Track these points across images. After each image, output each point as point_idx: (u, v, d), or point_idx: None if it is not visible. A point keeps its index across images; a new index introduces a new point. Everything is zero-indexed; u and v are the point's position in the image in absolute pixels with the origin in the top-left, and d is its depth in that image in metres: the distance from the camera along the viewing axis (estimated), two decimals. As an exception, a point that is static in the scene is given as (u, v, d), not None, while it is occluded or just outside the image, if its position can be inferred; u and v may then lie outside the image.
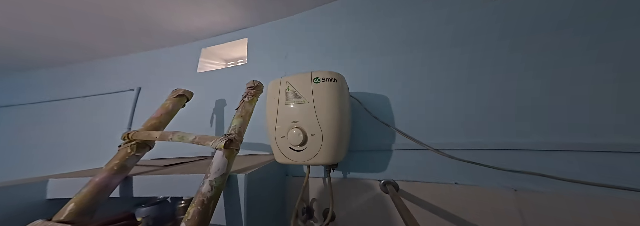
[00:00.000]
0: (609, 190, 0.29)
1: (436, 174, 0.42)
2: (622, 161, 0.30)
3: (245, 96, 0.49)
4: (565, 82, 0.38)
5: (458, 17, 0.51)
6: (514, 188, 0.35)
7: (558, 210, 0.33)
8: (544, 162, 0.35)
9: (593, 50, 0.37)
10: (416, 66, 0.52)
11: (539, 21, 0.43)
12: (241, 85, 0.79)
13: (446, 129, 0.44)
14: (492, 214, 0.36)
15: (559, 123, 0.36)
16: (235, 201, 0.38)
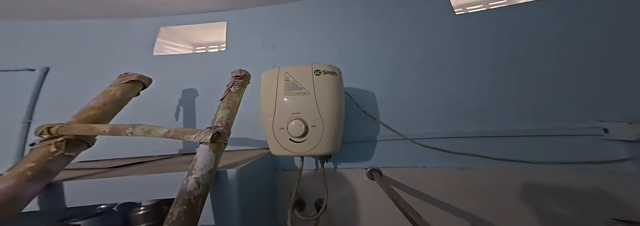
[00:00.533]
0: (519, 164, 0.43)
1: (410, 160, 0.51)
2: (524, 142, 0.45)
3: (232, 86, 0.45)
4: (497, 87, 0.52)
5: (431, 30, 0.61)
6: (461, 167, 0.47)
7: (488, 179, 0.45)
8: (479, 145, 0.47)
9: (516, 64, 0.52)
10: (400, 64, 0.59)
11: (483, 35, 0.56)
12: (218, 73, 0.70)
13: (419, 121, 0.53)
14: (446, 188, 0.47)
15: (492, 117, 0.49)
16: (226, 198, 0.35)
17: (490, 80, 0.52)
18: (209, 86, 0.70)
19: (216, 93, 0.68)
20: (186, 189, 0.29)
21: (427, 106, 0.54)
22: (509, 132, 0.46)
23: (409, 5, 0.64)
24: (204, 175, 0.31)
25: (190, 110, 0.69)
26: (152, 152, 0.62)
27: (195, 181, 0.30)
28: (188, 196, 0.29)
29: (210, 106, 0.67)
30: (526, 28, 0.53)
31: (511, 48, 0.53)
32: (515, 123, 0.47)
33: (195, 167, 0.32)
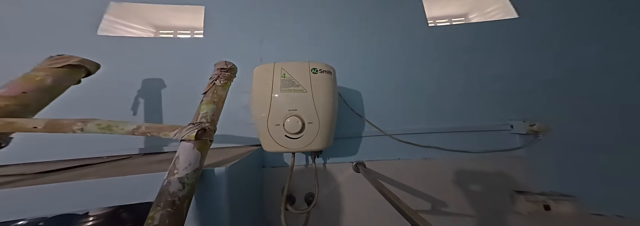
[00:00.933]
0: (465, 154, 0.55)
1: (388, 153, 0.57)
2: (471, 137, 0.57)
3: (217, 79, 0.42)
4: (450, 94, 0.62)
5: (408, 38, 0.67)
6: (425, 158, 0.57)
7: (441, 167, 0.55)
8: (438, 139, 0.57)
9: (461, 72, 0.63)
10: (384, 66, 0.64)
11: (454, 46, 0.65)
12: (192, 63, 0.63)
13: (397, 119, 0.60)
14: (415, 176, 0.55)
15: (446, 116, 0.60)
16: (215, 198, 0.33)
17: (446, 87, 0.62)
18: (179, 77, 0.62)
19: (189, 85, 0.61)
20: (168, 190, 0.27)
21: (403, 105, 0.62)
22: (457, 128, 0.58)
23: (391, 14, 0.69)
24: (189, 175, 0.29)
25: (154, 103, 0.60)
26: (96, 153, 0.51)
27: (179, 182, 0.28)
28: (172, 197, 0.26)
29: (182, 99, 0.60)
30: (471, 44, 0.65)
31: (459, 60, 0.64)
32: (460, 121, 0.59)
33: (178, 166, 0.29)
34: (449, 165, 0.55)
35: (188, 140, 0.32)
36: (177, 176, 0.28)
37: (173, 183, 0.28)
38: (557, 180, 0.52)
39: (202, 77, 0.64)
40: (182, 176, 0.28)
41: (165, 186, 0.27)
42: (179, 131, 0.32)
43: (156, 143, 0.58)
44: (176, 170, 0.29)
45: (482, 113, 0.59)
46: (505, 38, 0.64)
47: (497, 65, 0.62)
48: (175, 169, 0.29)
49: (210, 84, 0.41)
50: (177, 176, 0.28)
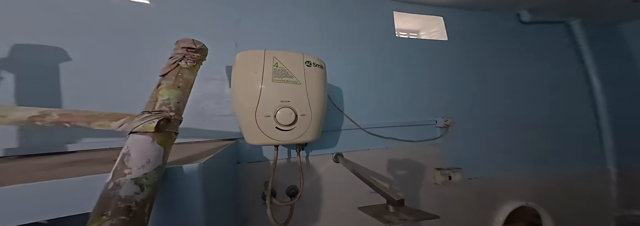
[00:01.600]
0: (410, 143, 0.69)
1: (361, 144, 0.65)
2: (414, 129, 0.71)
3: (182, 59, 0.35)
4: (403, 95, 0.75)
5: (378, 44, 0.74)
6: (386, 147, 0.67)
7: (398, 154, 0.68)
8: (395, 132, 0.69)
9: (410, 80, 0.77)
10: (361, 64, 0.69)
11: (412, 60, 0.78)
12: (124, 34, 0.50)
13: (368, 114, 0.68)
14: (380, 162, 0.65)
15: (400, 114, 0.72)
16: (185, 201, 0.28)
17: (401, 89, 0.74)
18: (101, 48, 0.47)
19: (113, 62, 0.48)
20: (118, 195, 0.21)
21: (372, 103, 0.69)
22: (406, 123, 0.71)
23: (368, 23, 0.74)
24: (148, 174, 0.24)
25: (43, 80, 0.43)
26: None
27: (135, 183, 0.22)
28: (125, 203, 0.21)
29: (98, 79, 0.46)
30: (419, 55, 0.79)
31: (411, 67, 0.77)
32: (408, 117, 0.73)
33: (130, 164, 0.23)
34: (401, 152, 0.68)
35: (143, 132, 0.25)
36: (130, 177, 0.22)
37: (125, 186, 0.22)
38: (454, 158, 0.73)
39: (136, 54, 0.51)
40: (138, 176, 0.23)
41: (111, 191, 0.21)
42: (127, 121, 0.25)
43: (43, 141, 0.42)
44: (127, 169, 0.23)
45: (420, 112, 0.74)
46: (439, 54, 0.80)
47: (432, 74, 0.78)
48: (125, 168, 0.23)
49: (171, 65, 0.33)
50: (130, 177, 0.22)
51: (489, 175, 0.76)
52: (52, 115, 0.22)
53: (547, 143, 0.84)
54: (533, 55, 0.91)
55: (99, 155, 0.40)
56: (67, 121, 0.22)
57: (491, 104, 0.82)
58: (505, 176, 0.77)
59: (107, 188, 0.21)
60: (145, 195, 0.23)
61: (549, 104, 0.88)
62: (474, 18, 0.87)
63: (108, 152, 0.43)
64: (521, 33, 0.93)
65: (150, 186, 0.24)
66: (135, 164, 0.23)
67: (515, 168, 0.79)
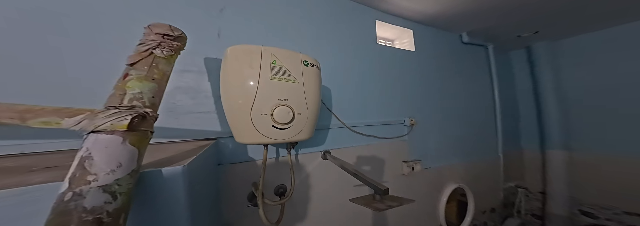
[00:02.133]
0: (385, 139, 0.78)
1: (346, 141, 0.69)
2: (388, 127, 0.81)
3: (156, 47, 0.30)
4: (380, 98, 0.85)
5: (362, 50, 0.79)
6: (367, 144, 0.74)
7: (377, 150, 0.75)
8: (375, 130, 0.76)
9: (386, 84, 0.90)
10: (345, 66, 0.73)
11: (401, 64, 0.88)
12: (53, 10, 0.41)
13: (352, 114, 0.72)
14: (363, 158, 0.71)
15: (378, 114, 0.81)
16: (166, 210, 0.25)
17: (379, 91, 0.82)
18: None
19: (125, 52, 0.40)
20: (81, 206, 0.18)
21: (355, 103, 0.74)
22: (382, 122, 0.80)
23: (354, 30, 0.78)
24: (121, 180, 0.20)
25: None
26: None
27: (103, 191, 0.19)
28: (92, 215, 0.18)
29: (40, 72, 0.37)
30: (393, 62, 0.88)
31: (387, 72, 0.86)
32: (383, 117, 0.81)
33: (94, 169, 0.19)
34: (379, 148, 0.76)
35: (110, 131, 0.21)
36: (96, 185, 0.19)
37: (90, 195, 0.18)
38: (416, 152, 0.87)
39: (88, 38, 0.43)
40: (108, 183, 0.20)
41: (70, 202, 0.17)
42: (88, 117, 0.20)
43: None
44: (91, 175, 0.19)
45: (393, 112, 0.84)
46: (408, 62, 0.93)
47: (404, 79, 0.90)
48: (87, 174, 0.19)
49: (143, 52, 0.28)
50: (96, 185, 0.19)
51: (438, 165, 0.93)
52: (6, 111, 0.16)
53: (469, 140, 1.08)
54: (469, 70, 1.15)
55: (43, 160, 0.30)
56: (15, 118, 0.16)
57: (441, 107, 0.99)
58: (447, 165, 0.96)
59: (62, 200, 0.17)
60: (118, 204, 0.19)
61: (472, 109, 1.12)
62: (433, 34, 1.03)
63: (57, 154, 0.33)
64: (462, 51, 1.15)
65: (124, 194, 0.20)
66: (102, 169, 0.20)
67: (452, 158, 0.99)
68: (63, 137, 0.37)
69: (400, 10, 0.83)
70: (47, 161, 0.31)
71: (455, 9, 0.82)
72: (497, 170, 1.18)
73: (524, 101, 1.41)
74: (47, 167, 0.27)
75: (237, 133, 0.37)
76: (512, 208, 1.27)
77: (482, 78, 1.22)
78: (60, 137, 0.37)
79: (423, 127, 0.90)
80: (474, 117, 1.13)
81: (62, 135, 0.37)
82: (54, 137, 0.36)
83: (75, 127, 0.20)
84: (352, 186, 0.66)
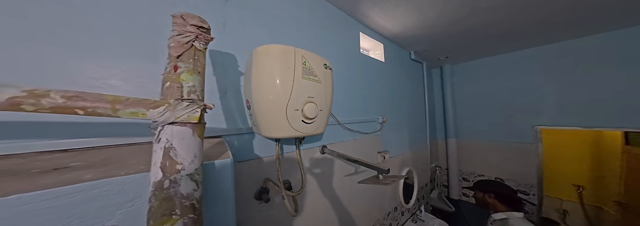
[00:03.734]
0: (366, 134, 0.95)
1: (338, 137, 0.78)
2: (367, 124, 0.99)
3: (194, 40, 0.31)
4: (362, 98, 1.02)
5: (350, 58, 0.92)
6: (354, 138, 0.87)
7: (361, 144, 0.89)
8: (358, 126, 0.91)
9: (368, 87, 1.12)
10: (336, 70, 0.80)
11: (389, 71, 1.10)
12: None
13: (342, 112, 0.82)
14: (349, 149, 0.82)
15: (359, 113, 0.96)
16: (219, 200, 0.26)
17: (360, 93, 0.98)
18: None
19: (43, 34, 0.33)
20: (180, 193, 0.19)
21: (343, 104, 0.85)
22: (364, 120, 0.95)
23: (342, 40, 0.88)
24: (198, 169, 0.22)
25: None
26: None
27: (191, 180, 0.20)
28: (189, 200, 0.19)
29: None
30: (369, 69, 1.08)
31: (366, 78, 1.03)
32: (364, 116, 0.98)
33: (180, 159, 0.20)
34: (361, 142, 0.90)
35: (183, 123, 0.22)
36: (185, 173, 0.20)
37: (183, 183, 0.20)
38: (385, 144, 1.10)
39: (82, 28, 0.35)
40: (192, 172, 0.21)
41: (170, 189, 0.18)
42: (169, 109, 0.21)
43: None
44: (179, 165, 0.20)
45: (370, 111, 1.02)
46: (379, 70, 1.15)
47: (378, 84, 1.11)
48: (176, 164, 0.20)
49: (185, 44, 0.28)
50: (185, 173, 0.20)
51: (397, 154, 1.19)
52: (51, 97, 0.12)
53: (412, 134, 1.42)
54: (413, 80, 1.54)
55: (68, 157, 0.22)
56: (79, 107, 0.13)
57: (398, 108, 1.28)
58: (402, 153, 1.25)
59: (162, 187, 0.17)
60: (200, 193, 0.21)
61: (414, 111, 1.50)
62: (395, 50, 1.30)
63: (53, 154, 0.23)
64: (411, 65, 1.51)
65: (201, 184, 0.21)
66: (185, 159, 0.21)
67: (404, 148, 1.29)
68: (17, 137, 0.26)
69: (377, 27, 1.02)
70: (32, 163, 0.23)
71: (408, 32, 1.10)
72: (426, 155, 1.61)
73: (438, 105, 2.02)
74: (57, 168, 0.20)
75: (268, 128, 0.39)
76: (435, 182, 1.79)
77: (419, 87, 1.63)
78: (13, 138, 0.26)
79: (389, 124, 1.12)
80: (415, 117, 1.49)
81: (16, 135, 0.26)
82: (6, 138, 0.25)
83: (160, 118, 0.19)
84: (342, 176, 0.78)
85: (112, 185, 0.19)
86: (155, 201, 0.17)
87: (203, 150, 0.23)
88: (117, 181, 0.19)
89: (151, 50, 0.39)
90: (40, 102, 0.14)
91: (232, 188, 0.27)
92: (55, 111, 0.15)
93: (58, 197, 0.16)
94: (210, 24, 0.49)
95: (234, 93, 0.51)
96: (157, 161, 0.18)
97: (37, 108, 0.14)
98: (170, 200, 0.17)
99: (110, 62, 0.35)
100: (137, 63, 0.37)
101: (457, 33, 1.13)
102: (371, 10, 0.87)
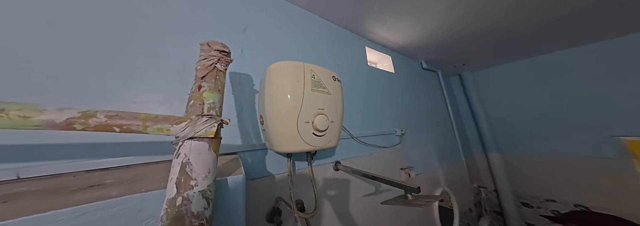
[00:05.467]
0: (384, 148, 0.89)
1: (352, 152, 0.74)
2: (384, 137, 0.94)
3: (217, 62, 0.35)
4: (375, 112, 1.00)
5: (356, 70, 0.95)
6: (370, 153, 0.82)
7: (379, 159, 0.82)
8: (373, 140, 0.86)
9: (375, 100, 1.11)
10: (344, 83, 0.81)
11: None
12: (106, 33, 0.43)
13: (359, 125, 0.80)
14: (367, 165, 0.76)
15: (373, 125, 0.93)
16: (227, 216, 0.24)
17: (373, 106, 0.96)
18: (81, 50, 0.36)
19: (100, 65, 0.39)
20: (190, 211, 0.18)
21: (355, 117, 0.83)
22: (379, 132, 0.90)
23: (349, 54, 0.93)
24: (211, 186, 0.22)
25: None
26: None
27: (202, 197, 0.20)
28: (198, 220, 0.18)
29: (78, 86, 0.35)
30: (380, 81, 1.07)
31: (377, 90, 1.02)
32: (380, 129, 0.93)
33: (194, 174, 0.20)
34: (379, 157, 0.84)
35: (201, 138, 0.23)
36: (198, 190, 0.20)
37: (195, 200, 0.19)
38: (410, 159, 1.01)
39: (126, 58, 0.42)
40: (204, 189, 0.21)
41: (182, 207, 0.18)
42: (190, 125, 0.22)
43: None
44: (193, 180, 0.20)
45: (385, 124, 0.97)
46: (390, 82, 1.13)
47: (389, 95, 1.08)
48: (190, 180, 0.20)
49: (208, 66, 0.32)
50: (198, 190, 0.20)
51: (424, 171, 1.06)
52: (97, 116, 0.15)
53: (438, 148, 1.28)
54: (429, 89, 1.47)
55: (105, 175, 0.25)
56: (117, 124, 0.16)
57: (418, 120, 1.20)
58: (431, 170, 1.11)
59: (175, 204, 0.17)
60: (210, 211, 0.20)
61: (435, 122, 1.38)
62: (405, 61, 1.30)
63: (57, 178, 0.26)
64: (424, 74, 1.48)
65: (212, 201, 0.21)
66: (199, 174, 0.20)
67: (432, 164, 1.16)
68: (60, 157, 0.30)
69: (382, 40, 1.06)
70: (79, 181, 0.25)
71: (415, 43, 1.12)
72: (463, 172, 1.39)
73: (466, 115, 1.84)
74: (92, 185, 0.22)
75: (279, 142, 0.39)
76: (481, 207, 1.45)
77: (438, 96, 1.55)
78: (56, 158, 0.30)
79: (410, 137, 1.04)
80: (440, 128, 1.37)
81: (59, 155, 0.30)
82: (49, 159, 0.29)
83: (181, 133, 0.20)
84: (363, 196, 0.70)
85: (132, 202, 0.19)
86: (166, 221, 0.16)
87: (217, 166, 0.23)
88: (137, 198, 0.19)
89: (180, 75, 0.45)
90: (87, 121, 0.16)
91: (243, 207, 0.25)
92: (98, 129, 0.17)
93: (85, 214, 0.17)
94: (231, 50, 0.56)
95: (249, 110, 0.53)
96: (173, 177, 0.19)
97: (85, 127, 0.16)
98: (180, 219, 0.17)
99: (152, 89, 0.41)
100: (171, 88, 0.43)
101: (469, 39, 1.11)
102: (375, 26, 0.92)
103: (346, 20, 0.86)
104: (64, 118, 0.15)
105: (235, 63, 0.56)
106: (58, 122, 0.15)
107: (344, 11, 0.80)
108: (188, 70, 0.45)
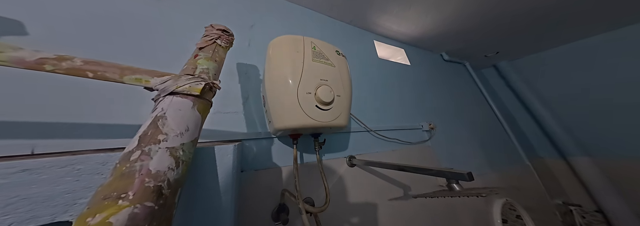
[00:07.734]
0: (408, 144, 0.76)
1: (369, 147, 0.65)
2: (407, 132, 0.80)
3: (218, 38, 0.34)
4: (393, 104, 0.88)
5: (368, 64, 0.89)
6: (392, 149, 0.70)
7: (402, 156, 0.70)
8: (395, 134, 0.74)
9: (397, 94, 0.96)
10: (357, 76, 0.78)
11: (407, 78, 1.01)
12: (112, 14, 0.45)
13: (370, 118, 0.71)
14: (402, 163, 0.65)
15: (392, 118, 0.81)
16: (214, 192, 0.19)
17: (391, 99, 0.86)
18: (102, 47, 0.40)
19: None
20: (146, 167, 0.14)
21: (370, 110, 0.75)
22: (400, 126, 0.79)
23: (358, 46, 0.91)
24: (186, 145, 0.17)
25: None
26: None
27: (170, 154, 0.15)
28: (155, 181, 0.13)
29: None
30: (394, 74, 0.99)
31: (393, 83, 0.94)
32: (402, 122, 0.82)
33: (166, 129, 0.17)
34: (405, 154, 0.72)
35: (185, 95, 0.20)
36: (165, 145, 0.16)
37: (157, 156, 0.15)
38: (446, 157, 0.84)
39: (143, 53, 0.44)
40: (176, 146, 0.17)
41: (136, 162, 0.14)
42: (173, 78, 0.19)
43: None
44: (162, 135, 0.16)
45: (408, 118, 0.86)
46: (407, 75, 1.04)
47: (409, 89, 0.98)
48: (159, 133, 0.16)
49: (208, 41, 0.31)
50: (165, 145, 0.16)
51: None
52: (73, 60, 0.14)
53: (487, 148, 1.05)
54: (456, 83, 1.29)
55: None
56: (91, 69, 0.15)
57: (452, 113, 1.04)
58: (480, 175, 0.88)
59: (128, 159, 0.13)
60: (178, 174, 0.15)
61: (475, 119, 1.17)
62: (421, 53, 1.21)
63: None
64: (446, 67, 1.33)
65: (184, 163, 0.16)
66: (172, 130, 0.17)
67: (481, 167, 0.94)
68: (74, 136, 0.31)
69: (392, 33, 1.01)
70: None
71: (431, 33, 1.02)
72: (533, 181, 1.05)
73: (517, 110, 1.48)
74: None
75: (279, 117, 0.34)
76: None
77: (473, 91, 1.35)
78: (71, 137, 0.31)
79: (443, 133, 0.89)
80: (481, 127, 1.15)
81: (74, 134, 0.31)
82: (65, 137, 0.30)
83: (160, 86, 0.18)
84: (388, 200, 0.57)
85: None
86: (109, 178, 0.12)
87: (201, 128, 0.19)
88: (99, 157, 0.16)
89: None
90: (60, 63, 0.15)
91: (233, 179, 0.20)
92: (69, 72, 0.16)
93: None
94: (238, 43, 0.56)
95: (255, 97, 0.52)
96: (140, 131, 0.15)
97: (55, 68, 0.15)
98: (128, 177, 0.12)
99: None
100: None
101: (495, 24, 0.98)
102: (381, 18, 0.89)
103: (351, 15, 0.85)
104: (35, 57, 0.15)
105: (242, 54, 0.57)
106: (28, 60, 0.14)
107: (347, 5, 0.79)
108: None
